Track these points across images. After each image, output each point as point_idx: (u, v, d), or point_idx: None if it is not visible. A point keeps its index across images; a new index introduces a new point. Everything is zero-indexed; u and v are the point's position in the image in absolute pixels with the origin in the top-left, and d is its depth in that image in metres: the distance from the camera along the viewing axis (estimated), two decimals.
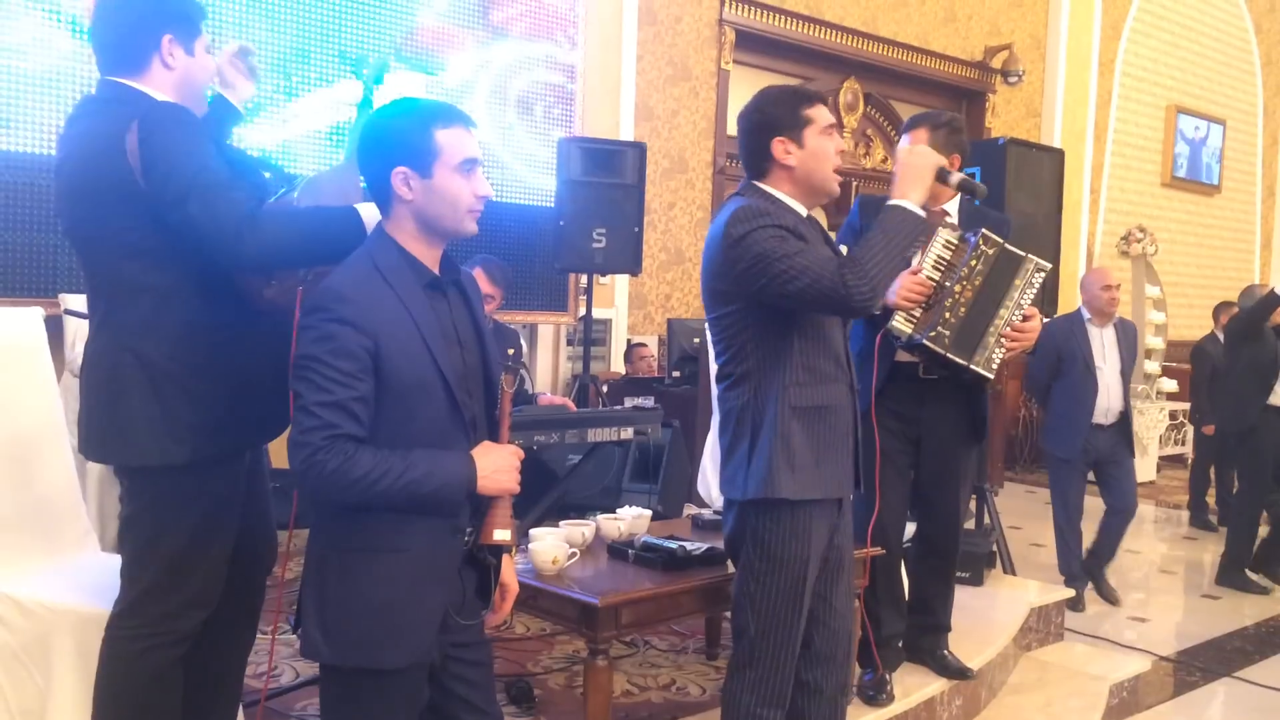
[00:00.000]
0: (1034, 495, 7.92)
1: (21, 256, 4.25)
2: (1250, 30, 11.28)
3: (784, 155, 2.37)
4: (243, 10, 4.74)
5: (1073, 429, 5.03)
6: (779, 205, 2.38)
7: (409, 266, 1.86)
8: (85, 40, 4.35)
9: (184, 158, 2.03)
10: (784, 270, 2.25)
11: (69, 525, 2.89)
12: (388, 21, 5.27)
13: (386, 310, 1.80)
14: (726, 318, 2.41)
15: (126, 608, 2.22)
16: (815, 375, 2.38)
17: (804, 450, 2.36)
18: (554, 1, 5.90)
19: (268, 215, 2.06)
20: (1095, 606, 5.04)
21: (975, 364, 3.04)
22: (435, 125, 1.83)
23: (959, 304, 2.99)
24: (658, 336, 6.54)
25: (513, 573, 2.06)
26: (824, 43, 7.48)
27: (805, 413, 2.36)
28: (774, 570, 2.38)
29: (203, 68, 2.22)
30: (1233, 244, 11.29)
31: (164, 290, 2.13)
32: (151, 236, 2.09)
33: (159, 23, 2.15)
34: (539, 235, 5.62)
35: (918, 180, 2.37)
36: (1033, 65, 8.92)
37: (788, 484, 2.34)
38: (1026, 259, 3.08)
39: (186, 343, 2.15)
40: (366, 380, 1.77)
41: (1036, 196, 5.03)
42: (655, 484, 4.73)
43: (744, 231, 2.29)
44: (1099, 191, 9.65)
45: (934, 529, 3.45)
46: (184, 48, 2.17)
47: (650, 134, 6.46)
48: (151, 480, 2.19)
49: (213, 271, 2.13)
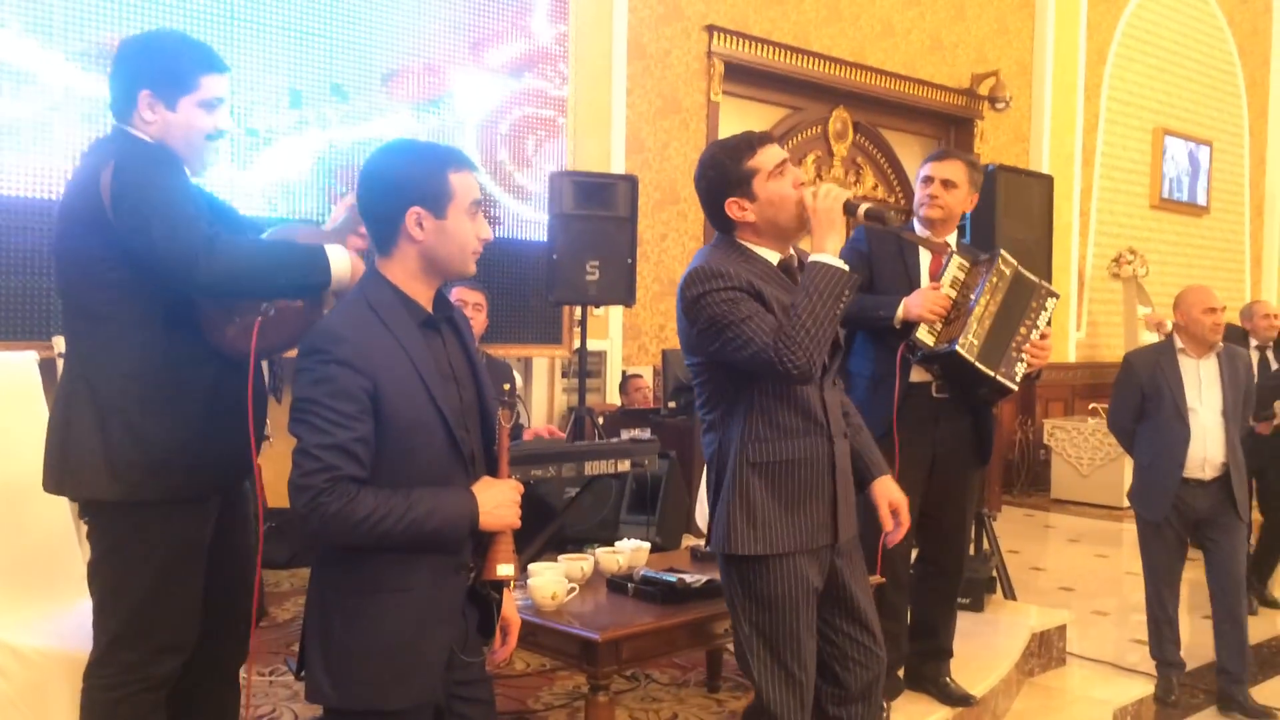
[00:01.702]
0: (1032, 519, 7.92)
1: (16, 299, 4.25)
2: (1234, 53, 11.39)
3: (740, 214, 2.38)
4: (232, 49, 4.77)
5: (1159, 484, 4.18)
6: (749, 257, 2.38)
7: (403, 305, 1.87)
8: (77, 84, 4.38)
9: (151, 189, 2.10)
10: (732, 338, 2.27)
11: (64, 570, 2.87)
12: (377, 58, 5.30)
13: (383, 350, 1.81)
14: (694, 367, 2.44)
15: (99, 656, 2.22)
16: (778, 430, 2.35)
17: (766, 504, 2.33)
18: (543, 38, 5.94)
19: (227, 242, 2.10)
20: (1096, 629, 5.02)
21: (1000, 375, 3.16)
22: (449, 168, 1.88)
23: (985, 316, 3.14)
24: (652, 367, 6.54)
25: (514, 608, 2.06)
26: (812, 73, 7.54)
27: (765, 468, 2.34)
28: (763, 611, 2.35)
29: (186, 123, 2.25)
30: (1223, 264, 11.35)
31: (123, 322, 2.16)
32: (119, 269, 2.13)
33: (139, 79, 2.23)
34: (532, 268, 5.63)
35: (831, 226, 2.33)
36: (1019, 91, 9.00)
37: (746, 540, 2.33)
38: (1038, 283, 3.28)
39: (138, 378, 2.16)
40: (366, 421, 1.78)
41: (1027, 221, 5.06)
42: (653, 516, 4.71)
43: (697, 294, 2.30)
44: (1089, 214, 9.71)
45: (939, 550, 3.46)
46: (164, 103, 2.23)
47: (641, 166, 6.50)
48: (111, 522, 2.19)
49: (176, 309, 2.15)
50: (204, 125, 2.27)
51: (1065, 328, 9.41)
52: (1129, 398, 4.34)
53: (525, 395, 5.99)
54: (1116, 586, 5.92)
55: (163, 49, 2.29)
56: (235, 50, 4.79)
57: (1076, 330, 9.63)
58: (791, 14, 7.41)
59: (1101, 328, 9.88)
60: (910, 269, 3.33)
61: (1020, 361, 3.20)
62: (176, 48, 2.30)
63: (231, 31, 4.80)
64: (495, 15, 5.72)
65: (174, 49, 2.29)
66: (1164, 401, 4.19)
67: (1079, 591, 5.67)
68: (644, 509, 4.69)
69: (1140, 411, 4.29)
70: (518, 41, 5.84)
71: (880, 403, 3.22)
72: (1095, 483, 8.38)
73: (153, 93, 2.22)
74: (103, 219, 2.11)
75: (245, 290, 2.13)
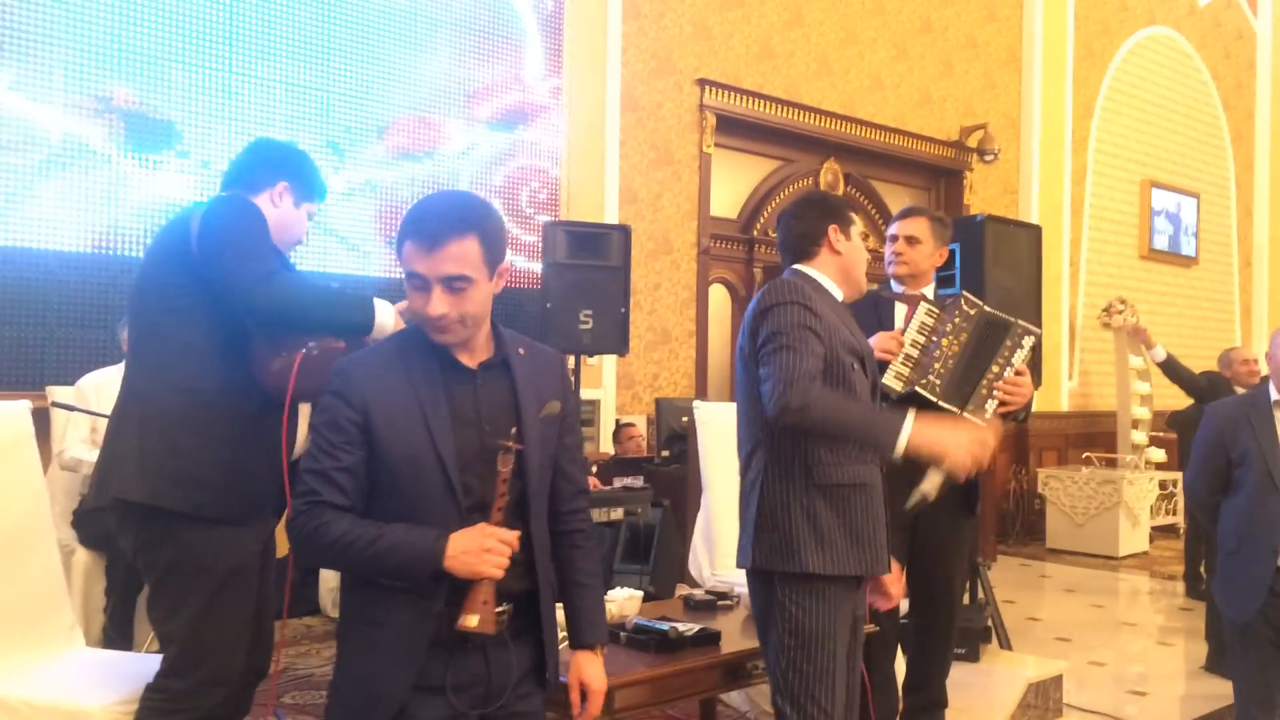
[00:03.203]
0: (1028, 569, 7.89)
1: (10, 349, 4.26)
2: (1219, 107, 11.57)
3: (836, 239, 2.55)
4: (230, 103, 4.83)
5: (1248, 575, 3.32)
6: (819, 288, 2.48)
7: (429, 348, 1.89)
8: (75, 136, 4.43)
9: (232, 229, 2.32)
10: (779, 350, 2.31)
11: (54, 621, 2.85)
12: (373, 112, 5.37)
13: (385, 387, 1.85)
14: (751, 384, 2.45)
15: (156, 681, 2.34)
16: (839, 454, 2.39)
17: (832, 526, 2.36)
18: (537, 90, 6.02)
19: (285, 275, 2.31)
20: (1093, 679, 4.99)
21: (966, 412, 3.14)
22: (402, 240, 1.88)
23: (947, 357, 3.15)
24: (646, 416, 6.55)
25: (596, 670, 2.07)
26: (803, 126, 7.63)
27: (831, 490, 2.38)
28: (804, 647, 2.36)
29: (298, 220, 2.57)
30: (1213, 314, 11.43)
31: (184, 345, 2.34)
32: (190, 294, 2.33)
33: (284, 171, 2.56)
34: (526, 318, 5.66)
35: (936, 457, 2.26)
36: (1008, 144, 9.11)
37: (815, 559, 2.35)
38: (1012, 322, 3.24)
39: (186, 393, 2.31)
40: (354, 452, 1.82)
41: (1016, 271, 5.09)
42: (647, 564, 4.70)
43: (774, 302, 2.38)
44: (1078, 264, 9.79)
45: (931, 602, 3.43)
46: (294, 198, 2.55)
47: (635, 216, 6.55)
48: (171, 534, 2.30)
49: (234, 340, 2.32)
50: (303, 229, 2.59)
51: (1057, 377, 9.45)
52: (1211, 461, 3.48)
53: None
54: (1113, 637, 5.89)
55: (311, 163, 2.65)
56: (233, 105, 4.85)
57: (1069, 379, 9.67)
58: (782, 68, 7.52)
59: (1093, 376, 9.92)
60: (885, 323, 3.38)
61: (991, 399, 3.17)
62: (317, 169, 2.66)
63: (229, 86, 4.86)
64: (490, 68, 5.81)
65: (317, 169, 2.66)
66: (1254, 468, 3.35)
67: (1075, 642, 5.63)
68: (637, 557, 4.68)
69: (1225, 478, 3.46)
70: (512, 94, 5.92)
71: None
72: (1090, 532, 8.36)
73: (290, 186, 2.54)
74: (186, 251, 2.32)
75: (295, 320, 2.30)
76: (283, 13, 5.05)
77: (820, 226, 2.56)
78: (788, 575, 2.36)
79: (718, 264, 7.27)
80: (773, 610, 2.40)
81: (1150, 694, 4.89)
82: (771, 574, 2.39)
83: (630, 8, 6.59)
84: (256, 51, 4.96)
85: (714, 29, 7.09)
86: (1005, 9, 9.18)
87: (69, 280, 4.40)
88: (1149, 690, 4.95)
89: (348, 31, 5.27)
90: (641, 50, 6.69)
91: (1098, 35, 10.01)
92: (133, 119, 4.60)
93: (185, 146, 4.73)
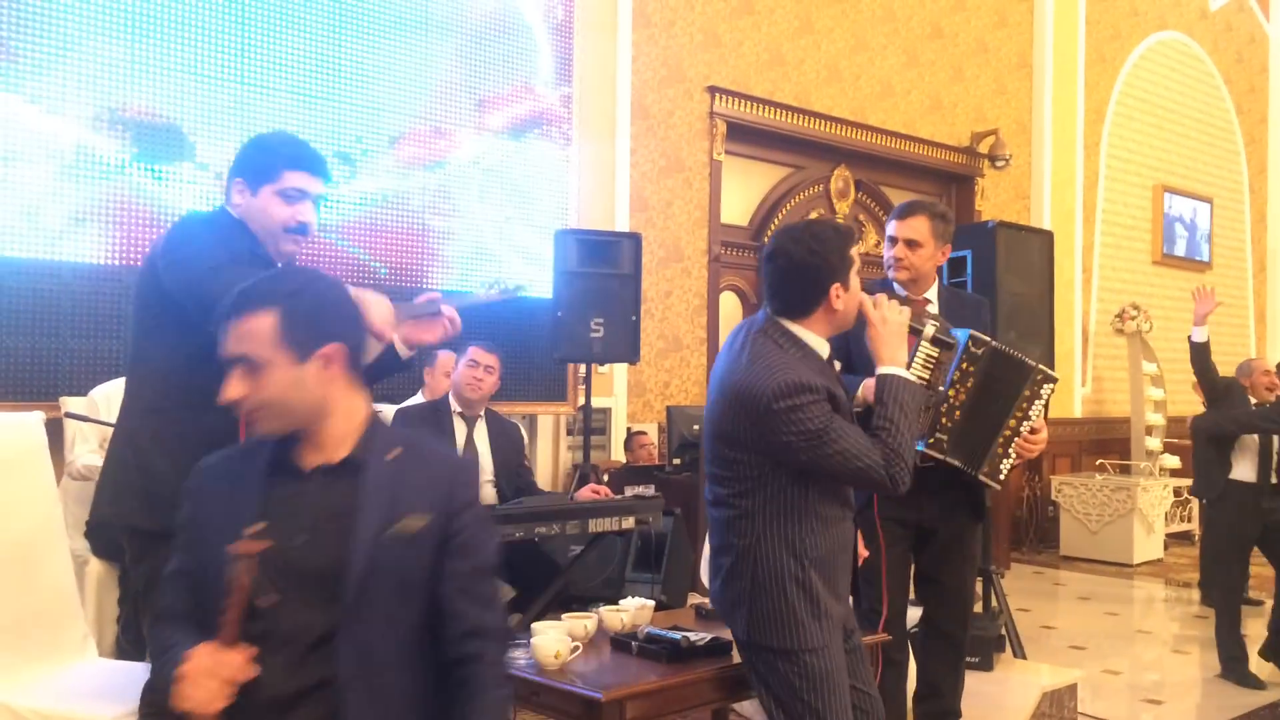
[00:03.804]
0: (1041, 576, 7.85)
1: (23, 360, 4.27)
2: (1231, 111, 11.52)
3: (835, 300, 2.39)
4: (242, 116, 4.85)
5: None
6: (805, 352, 2.39)
7: (278, 444, 1.71)
8: (88, 148, 4.45)
9: (191, 239, 2.33)
10: (834, 454, 2.29)
11: (67, 631, 2.86)
12: (383, 120, 5.38)
13: (211, 488, 1.73)
14: (737, 463, 2.40)
15: (148, 686, 2.33)
16: (826, 522, 2.41)
17: (825, 596, 2.39)
18: (548, 99, 6.03)
19: (234, 268, 2.21)
20: (1108, 688, 4.96)
21: (982, 474, 3.03)
22: None
23: (954, 408, 2.96)
24: (657, 424, 6.54)
25: None
26: (814, 132, 7.63)
27: (821, 561, 2.39)
28: (816, 690, 2.37)
29: (263, 208, 2.44)
30: (1227, 319, 11.37)
31: (157, 362, 2.36)
32: (158, 312, 2.34)
33: (236, 167, 2.50)
34: (537, 326, 5.66)
35: (899, 344, 2.45)
36: (1019, 149, 9.09)
37: (815, 634, 2.37)
38: (1031, 366, 3.01)
39: (157, 412, 2.35)
40: (182, 555, 1.73)
41: (1027, 277, 5.08)
42: (658, 573, 4.69)
43: (790, 405, 2.28)
44: (1091, 270, 9.76)
45: (942, 612, 3.39)
46: (250, 189, 2.45)
47: (645, 224, 6.55)
48: (141, 557, 2.33)
49: (202, 353, 2.14)
50: (280, 214, 2.44)
51: (1071, 383, 9.41)
52: None
53: (531, 453, 5.99)
54: (1128, 645, 5.85)
55: (260, 144, 2.56)
56: (244, 116, 4.87)
57: (1082, 385, 9.63)
58: (792, 75, 7.52)
59: (1107, 383, 9.87)
60: None
61: (1008, 458, 3.02)
62: (271, 144, 2.55)
63: (241, 97, 4.88)
64: (500, 77, 5.82)
65: (269, 145, 2.55)
66: None
67: (1090, 650, 5.60)
68: (649, 566, 4.67)
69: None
70: (523, 102, 5.93)
71: None
72: (1105, 539, 8.32)
73: (243, 179, 2.46)
74: (154, 269, 2.34)
75: None
76: (294, 23, 5.07)
77: (821, 288, 2.37)
78: (785, 652, 2.38)
79: (729, 271, 7.27)
80: (773, 677, 2.42)
81: (1165, 702, 4.85)
82: (767, 647, 2.40)
83: (640, 16, 6.60)
84: (268, 62, 4.98)
85: (724, 36, 7.09)
86: (1016, 14, 9.16)
87: (82, 291, 4.41)
88: (1164, 699, 4.92)
89: (359, 42, 5.29)
90: (651, 58, 6.70)
91: (1109, 40, 9.98)
92: (145, 130, 4.62)
93: (200, 158, 4.75)
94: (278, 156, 2.47)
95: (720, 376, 2.44)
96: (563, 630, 2.79)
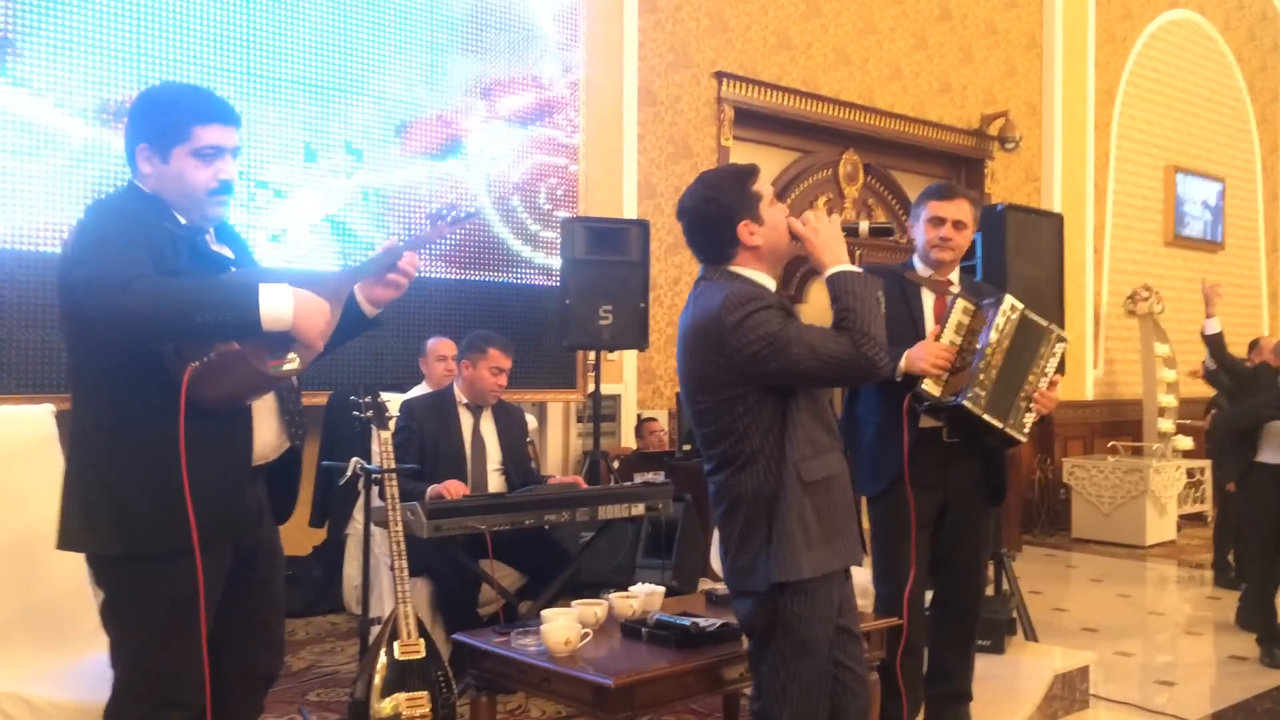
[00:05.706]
0: (1053, 559, 7.83)
1: (34, 352, 4.29)
2: (1243, 90, 11.43)
3: (749, 237, 2.40)
4: (248, 107, 4.85)
5: None
6: (757, 285, 2.40)
7: None
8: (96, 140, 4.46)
9: (98, 242, 2.06)
10: (800, 352, 2.28)
11: (78, 622, 2.88)
12: (391, 110, 5.37)
13: None
14: (722, 404, 2.38)
15: (111, 705, 2.22)
16: (816, 448, 2.40)
17: (815, 525, 2.36)
18: (555, 86, 6.02)
19: (147, 281, 2.00)
20: (1120, 670, 4.95)
21: (1009, 427, 3.11)
22: None
23: (991, 366, 3.06)
24: (667, 410, 6.54)
25: None
26: (822, 116, 7.60)
27: (815, 486, 2.38)
28: (804, 656, 2.37)
29: (178, 174, 2.20)
30: (1239, 299, 11.30)
31: (94, 376, 2.15)
32: (84, 324, 2.11)
33: (137, 133, 2.23)
34: (546, 314, 5.66)
35: (838, 244, 2.44)
36: (1029, 131, 9.03)
37: (807, 562, 2.34)
38: (1051, 329, 3.19)
39: (109, 431, 2.13)
40: None
41: (1037, 260, 5.05)
42: (669, 559, 4.70)
43: (742, 316, 2.30)
44: (1102, 252, 9.70)
45: (956, 593, 3.41)
46: (159, 155, 2.20)
47: (653, 211, 6.54)
48: (103, 575, 2.20)
49: (142, 360, 2.08)
50: (199, 176, 2.20)
51: (1083, 365, 9.37)
52: None
53: (540, 440, 6.00)
54: (1141, 627, 5.84)
55: (157, 101, 2.28)
56: (250, 105, 4.87)
57: (1094, 368, 9.59)
58: (800, 59, 7.49)
59: (1119, 365, 9.83)
60: (914, 311, 3.26)
61: (1029, 412, 3.13)
62: (172, 98, 2.28)
63: (247, 88, 4.88)
64: (507, 65, 5.81)
65: (168, 100, 2.27)
66: None
67: (1102, 632, 5.59)
68: (659, 552, 4.68)
69: None
70: (530, 90, 5.91)
71: (888, 451, 3.17)
72: (1117, 521, 8.29)
73: (149, 145, 2.20)
74: (69, 279, 2.11)
75: (166, 330, 2.02)
76: (299, 14, 5.06)
77: (727, 230, 2.39)
78: (787, 585, 2.35)
79: None
80: (775, 625, 2.38)
81: (1179, 684, 4.84)
82: (778, 587, 2.37)
83: (647, 2, 6.57)
84: (273, 54, 4.98)
85: (731, 21, 7.06)
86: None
87: None
88: (1177, 680, 4.90)
89: (364, 32, 5.28)
90: (658, 44, 6.67)
91: (1119, 19, 9.90)
92: None
93: None
94: (184, 111, 2.20)
95: (679, 332, 2.47)
96: (573, 617, 2.80)
